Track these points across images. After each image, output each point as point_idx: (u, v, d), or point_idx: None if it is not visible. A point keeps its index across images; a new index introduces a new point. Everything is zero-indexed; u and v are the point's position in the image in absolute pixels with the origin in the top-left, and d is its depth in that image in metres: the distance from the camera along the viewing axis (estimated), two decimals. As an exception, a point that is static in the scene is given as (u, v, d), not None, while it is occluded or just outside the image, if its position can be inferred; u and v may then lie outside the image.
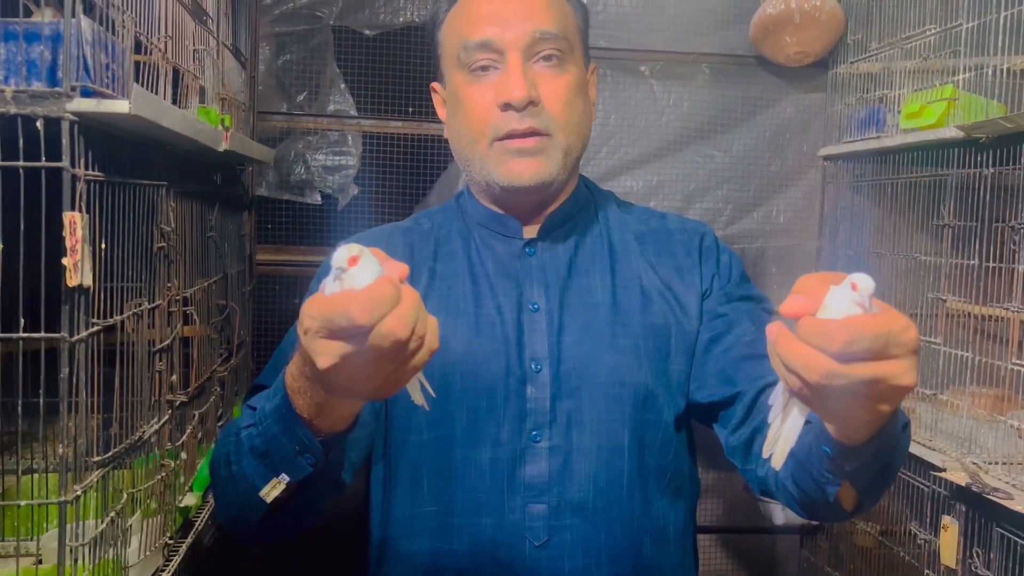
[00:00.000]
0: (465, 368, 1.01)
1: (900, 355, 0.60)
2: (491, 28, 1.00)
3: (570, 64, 1.04)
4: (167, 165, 1.22)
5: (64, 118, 0.83)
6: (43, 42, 0.84)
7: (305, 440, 0.77)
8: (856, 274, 0.60)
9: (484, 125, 1.01)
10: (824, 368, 0.59)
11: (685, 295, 1.06)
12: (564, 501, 0.99)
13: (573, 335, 1.03)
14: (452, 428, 1.00)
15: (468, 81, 1.03)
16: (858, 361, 0.59)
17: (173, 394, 1.24)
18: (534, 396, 1.00)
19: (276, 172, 2.20)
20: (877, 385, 0.60)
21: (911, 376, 0.60)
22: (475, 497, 1.00)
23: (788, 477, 0.86)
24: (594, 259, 1.08)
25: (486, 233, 1.09)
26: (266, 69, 2.19)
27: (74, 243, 0.82)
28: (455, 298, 1.05)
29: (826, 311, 0.60)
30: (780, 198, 2.33)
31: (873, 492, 0.82)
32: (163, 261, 1.19)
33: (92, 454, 0.95)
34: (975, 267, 1.58)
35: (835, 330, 0.58)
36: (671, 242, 1.10)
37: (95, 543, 0.94)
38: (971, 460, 1.54)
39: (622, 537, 1.01)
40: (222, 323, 1.66)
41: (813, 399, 0.63)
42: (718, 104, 2.29)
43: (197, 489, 1.36)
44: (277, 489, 0.79)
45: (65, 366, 0.86)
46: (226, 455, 0.86)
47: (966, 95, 1.65)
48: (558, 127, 1.01)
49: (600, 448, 1.00)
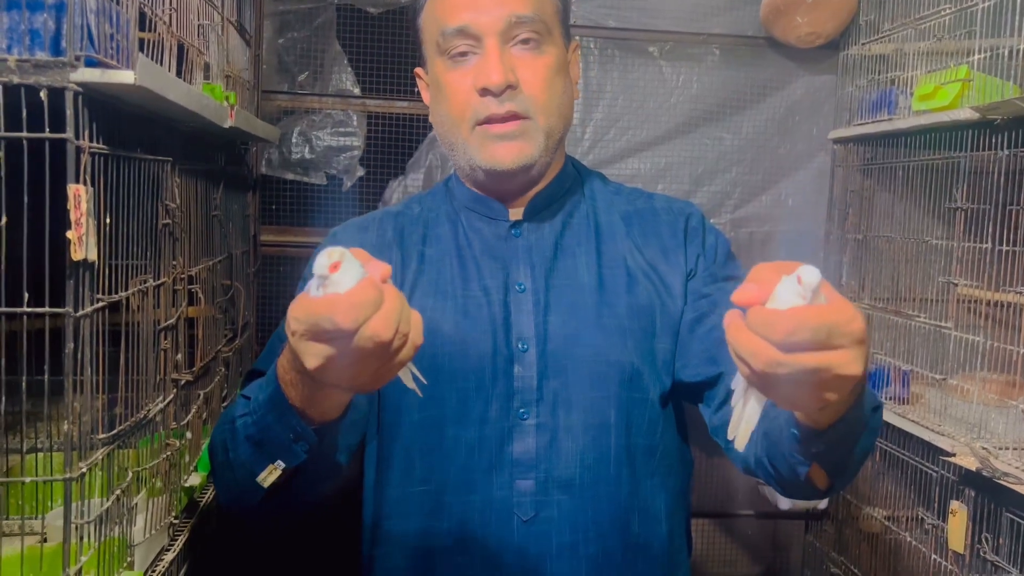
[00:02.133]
0: (454, 349, 1.03)
1: (844, 345, 0.61)
2: (467, 14, 1.02)
3: (548, 45, 1.04)
4: (172, 141, 1.20)
5: (68, 88, 0.81)
6: (46, 11, 0.82)
7: (298, 428, 0.79)
8: (803, 267, 0.61)
9: (464, 110, 1.03)
10: (768, 357, 0.61)
11: (670, 275, 1.07)
12: (551, 477, 1.01)
13: (559, 315, 1.04)
14: (442, 408, 1.02)
15: (448, 67, 1.04)
16: (801, 351, 0.60)
17: (178, 373, 1.23)
18: (521, 375, 1.02)
19: (280, 152, 2.18)
20: (821, 374, 0.61)
21: (856, 366, 0.62)
22: (464, 475, 1.02)
23: (764, 456, 0.87)
24: (580, 240, 1.09)
25: (473, 216, 1.11)
26: (269, 47, 2.16)
27: (79, 216, 0.80)
28: (443, 281, 1.07)
29: (774, 301, 0.62)
30: (789, 181, 2.30)
31: (843, 472, 0.83)
32: (168, 238, 1.18)
33: (97, 432, 0.94)
34: (987, 251, 1.56)
35: (778, 320, 0.60)
36: (657, 223, 1.11)
37: (100, 521, 0.93)
38: (981, 445, 1.53)
39: (609, 514, 1.02)
40: (227, 303, 1.64)
41: (762, 386, 0.65)
42: (727, 86, 2.26)
43: (202, 469, 1.35)
44: (273, 475, 0.82)
45: (70, 342, 0.84)
46: (223, 442, 0.89)
47: (981, 76, 1.63)
48: (538, 109, 1.03)
49: (587, 426, 1.02)
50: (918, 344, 1.79)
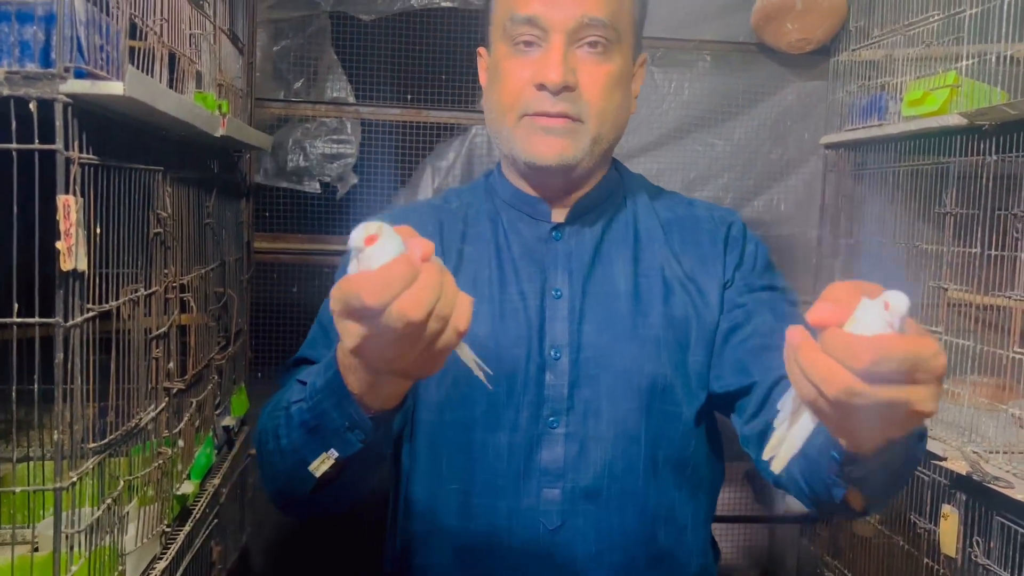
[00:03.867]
0: (487, 353, 1.00)
1: (926, 381, 0.57)
2: (540, 5, 0.99)
3: (615, 54, 1.02)
4: (163, 150, 1.21)
5: (57, 100, 0.82)
6: (36, 23, 0.83)
7: (355, 416, 0.76)
8: (891, 292, 0.57)
9: (516, 100, 1.01)
10: (845, 384, 0.57)
11: (707, 285, 1.06)
12: (578, 487, 1.00)
13: (593, 324, 1.03)
14: (473, 411, 1.01)
15: (510, 54, 1.02)
16: (882, 383, 0.56)
17: (170, 381, 1.23)
18: (552, 383, 1.01)
19: (274, 159, 2.19)
20: (897, 409, 0.58)
21: (933, 404, 0.58)
22: (492, 480, 1.01)
23: (799, 473, 0.85)
24: (618, 246, 1.07)
25: (514, 215, 1.09)
26: (263, 56, 2.17)
27: (68, 227, 0.81)
28: (481, 282, 1.05)
29: (855, 325, 0.57)
30: (781, 186, 2.31)
31: (881, 497, 0.82)
32: (159, 247, 1.18)
33: (88, 441, 0.94)
34: (977, 255, 1.57)
35: (863, 347, 0.56)
36: (697, 231, 1.10)
37: (91, 530, 0.93)
38: (972, 449, 1.54)
39: (635, 525, 1.01)
40: (220, 311, 1.65)
41: (827, 413, 0.60)
42: (719, 92, 2.28)
43: (195, 477, 1.35)
44: (326, 464, 0.79)
45: (59, 352, 0.85)
46: (274, 428, 0.86)
47: (969, 82, 1.64)
48: (591, 115, 1.00)
49: (616, 436, 1.01)
50: (909, 348, 1.80)
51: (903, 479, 0.80)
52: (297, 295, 2.20)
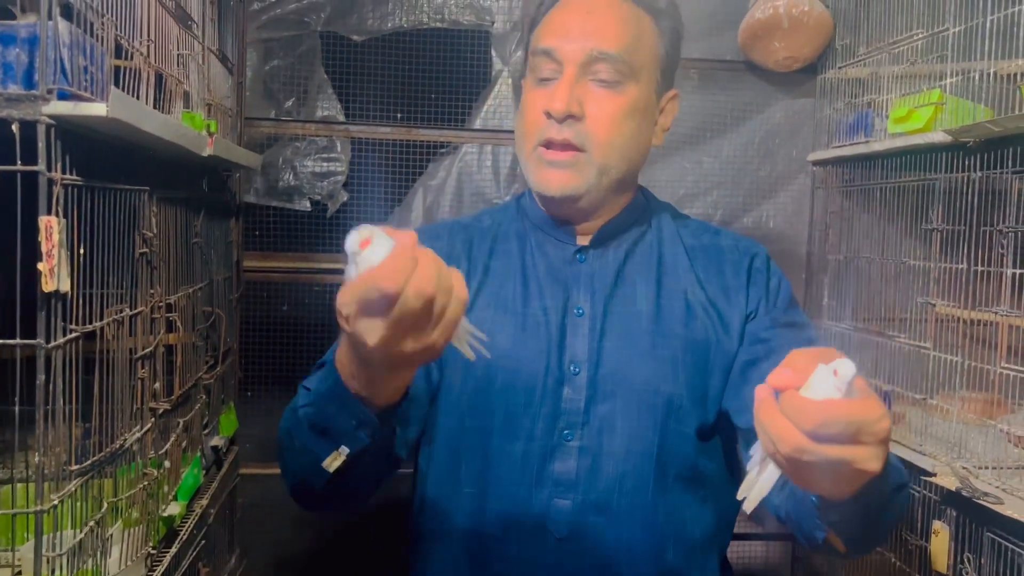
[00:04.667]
0: (508, 364, 1.04)
1: (869, 443, 0.63)
2: (556, 40, 1.05)
3: (630, 86, 1.05)
4: (150, 170, 1.21)
5: (40, 121, 0.82)
6: (19, 44, 0.83)
7: (361, 415, 0.81)
8: (839, 360, 0.63)
9: (533, 129, 1.06)
10: (795, 443, 0.63)
11: (729, 314, 1.08)
12: (588, 499, 1.03)
13: (613, 341, 1.06)
14: (491, 419, 1.05)
15: (532, 86, 1.08)
16: (828, 442, 0.62)
17: (156, 402, 1.23)
18: (570, 397, 1.04)
19: (264, 178, 2.19)
20: (841, 466, 0.64)
21: (876, 463, 0.64)
22: (505, 487, 1.04)
23: (791, 512, 0.90)
24: (642, 269, 1.10)
25: (542, 237, 1.13)
26: (253, 75, 2.18)
27: (50, 248, 0.81)
28: (505, 295, 1.09)
29: (809, 390, 0.64)
30: (770, 203, 2.32)
31: (860, 542, 0.86)
32: (145, 267, 1.18)
33: (71, 463, 0.93)
34: (963, 271, 1.58)
35: (811, 410, 0.62)
36: (721, 260, 1.12)
37: (73, 553, 0.92)
38: (961, 465, 1.54)
39: (643, 540, 1.03)
40: (208, 330, 1.64)
41: (784, 466, 0.67)
42: (707, 109, 2.29)
43: (182, 498, 1.34)
44: (338, 460, 0.84)
45: (41, 373, 0.84)
46: (288, 430, 0.91)
47: (953, 99, 1.65)
48: (596, 144, 1.04)
49: (629, 452, 1.03)
50: (898, 364, 1.80)
51: (883, 527, 0.85)
52: (287, 314, 2.20)
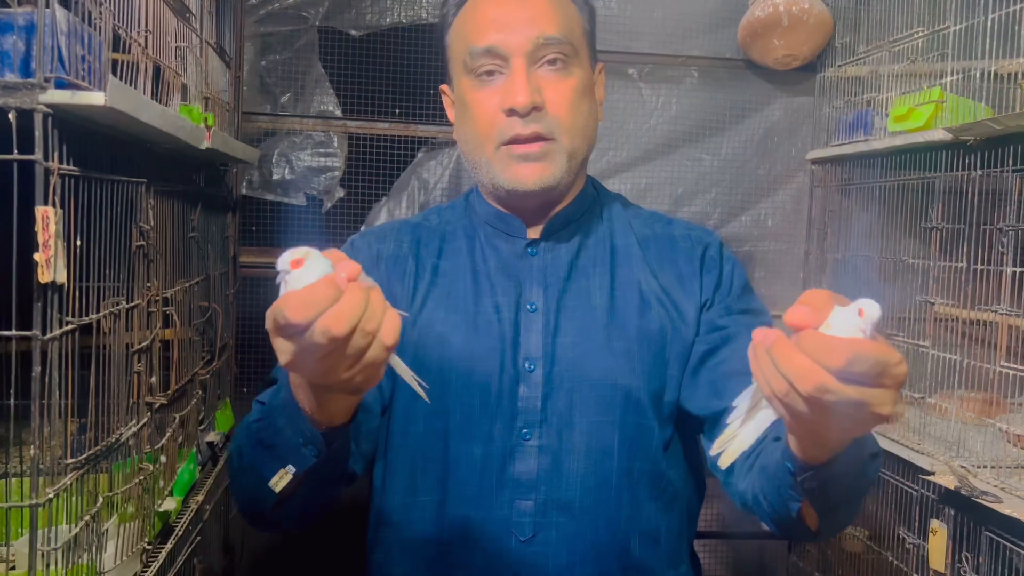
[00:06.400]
0: (462, 365, 1.03)
1: (889, 386, 0.61)
2: (496, 34, 1.02)
3: (575, 67, 1.04)
4: (147, 163, 1.20)
5: (37, 110, 0.81)
6: (16, 32, 0.82)
7: (307, 432, 0.79)
8: (864, 299, 0.61)
9: (490, 130, 1.03)
10: (819, 381, 0.60)
11: (684, 303, 1.07)
12: (551, 499, 1.01)
13: (568, 336, 1.04)
14: (447, 422, 1.02)
15: (475, 86, 1.05)
16: (853, 382, 0.60)
17: (152, 396, 1.22)
18: (526, 395, 1.02)
19: (260, 173, 2.18)
20: (861, 408, 0.61)
21: (892, 407, 0.62)
22: (466, 490, 1.02)
23: (760, 491, 0.87)
24: (595, 262, 1.09)
25: (491, 232, 1.11)
26: (251, 69, 2.16)
27: (47, 238, 0.80)
28: (456, 295, 1.07)
29: (829, 328, 0.61)
30: (768, 202, 2.32)
31: (834, 514, 0.83)
32: (142, 260, 1.17)
33: (66, 457, 0.92)
34: (963, 270, 1.58)
35: (839, 347, 0.59)
36: (674, 250, 1.11)
37: (68, 547, 0.91)
38: (959, 463, 1.54)
39: (608, 537, 1.01)
40: (204, 325, 1.63)
41: (795, 409, 0.63)
42: (706, 107, 2.28)
43: (177, 493, 1.33)
44: (284, 479, 0.82)
45: (37, 365, 0.83)
46: (239, 448, 0.90)
47: (954, 98, 1.65)
48: (562, 131, 1.03)
49: (589, 449, 1.01)
50: (897, 363, 1.80)
51: (855, 501, 0.82)
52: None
